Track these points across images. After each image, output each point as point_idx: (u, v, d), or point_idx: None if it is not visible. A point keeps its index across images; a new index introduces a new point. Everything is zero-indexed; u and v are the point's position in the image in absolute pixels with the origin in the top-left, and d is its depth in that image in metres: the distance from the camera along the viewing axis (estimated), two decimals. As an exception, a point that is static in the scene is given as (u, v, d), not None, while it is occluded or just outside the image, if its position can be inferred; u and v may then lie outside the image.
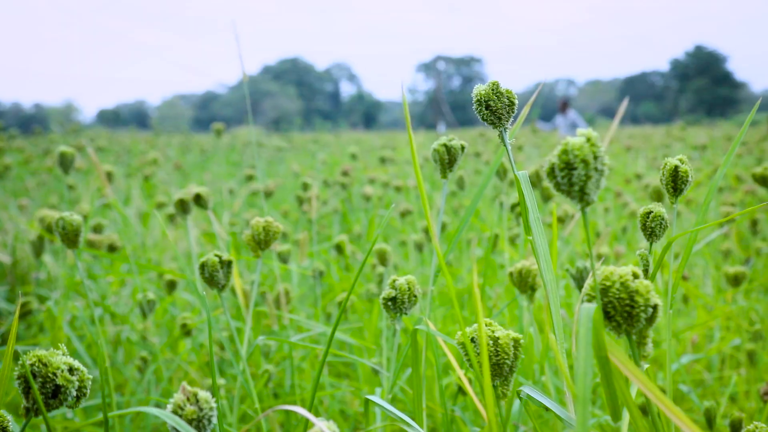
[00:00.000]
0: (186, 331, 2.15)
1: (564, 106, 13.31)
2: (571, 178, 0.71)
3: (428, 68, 70.04)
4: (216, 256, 1.40)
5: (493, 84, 1.08)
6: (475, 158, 6.52)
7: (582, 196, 0.71)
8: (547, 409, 0.85)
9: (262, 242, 1.50)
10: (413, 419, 1.28)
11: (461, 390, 1.84)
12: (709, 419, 1.55)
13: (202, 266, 1.39)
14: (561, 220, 2.81)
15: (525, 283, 1.62)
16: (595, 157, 0.70)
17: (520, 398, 0.92)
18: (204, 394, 0.69)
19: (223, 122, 4.34)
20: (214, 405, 0.70)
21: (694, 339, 2.50)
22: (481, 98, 1.07)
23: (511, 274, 1.64)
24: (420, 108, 67.20)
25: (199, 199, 1.99)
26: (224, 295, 2.51)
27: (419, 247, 3.10)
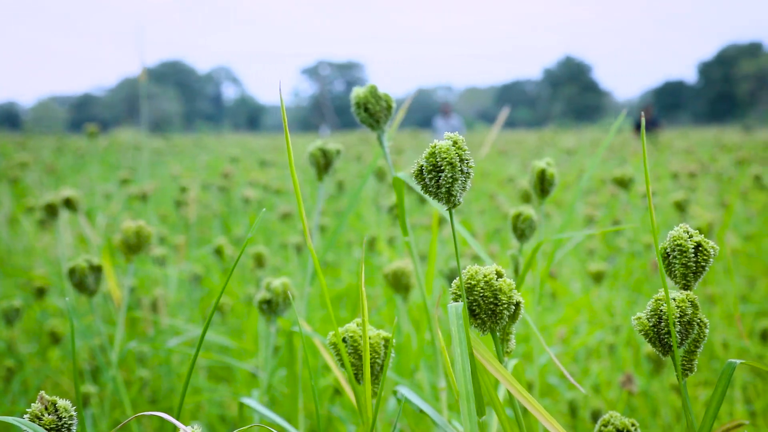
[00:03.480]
0: (55, 338, 2.08)
1: (447, 110, 13.57)
2: (439, 180, 0.73)
3: (311, 72, 69.98)
4: (85, 261, 1.36)
5: (371, 87, 1.10)
6: (357, 162, 6.57)
7: (449, 198, 0.74)
8: (420, 410, 0.88)
9: (134, 246, 1.47)
10: (290, 420, 1.29)
11: (338, 390, 1.86)
12: (573, 409, 1.62)
13: (71, 271, 1.35)
14: (440, 222, 2.88)
15: (399, 284, 1.65)
16: (461, 160, 0.73)
17: (398, 398, 0.94)
18: (63, 403, 0.68)
19: (101, 124, 4.20)
20: (73, 413, 0.68)
21: (560, 333, 2.61)
22: (359, 101, 1.09)
23: (386, 275, 1.67)
24: (304, 112, 66.97)
25: (69, 203, 1.92)
26: (98, 301, 2.44)
27: (299, 249, 3.10)
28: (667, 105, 61.21)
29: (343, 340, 0.87)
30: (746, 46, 60.67)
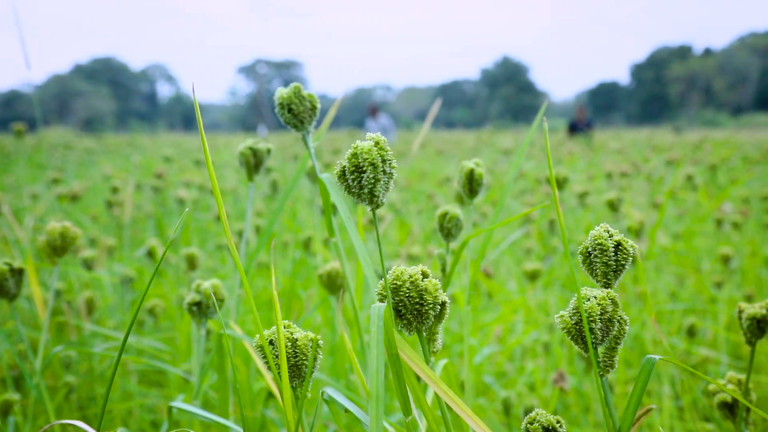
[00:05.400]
0: (-23, 345, 2.00)
1: (374, 110, 13.59)
2: (361, 180, 0.73)
3: (249, 71, 69.40)
4: (6, 264, 1.32)
5: (296, 87, 1.09)
6: (294, 162, 6.53)
7: (372, 198, 0.73)
8: (346, 410, 0.87)
9: (58, 248, 1.42)
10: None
11: (272, 393, 1.84)
12: (507, 408, 1.64)
13: (-10, 275, 1.30)
14: (374, 222, 2.88)
15: (334, 285, 1.64)
16: (384, 161, 0.73)
17: (324, 399, 0.93)
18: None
19: (29, 123, 4.07)
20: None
21: (497, 332, 2.64)
22: (282, 102, 1.07)
23: (320, 276, 1.66)
24: (242, 111, 66.39)
25: (-10, 204, 1.85)
26: (23, 306, 2.36)
27: (236, 250, 3.06)
28: (601, 106, 62.56)
29: (270, 342, 0.85)
30: (676, 49, 62.43)
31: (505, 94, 63.59)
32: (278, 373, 0.82)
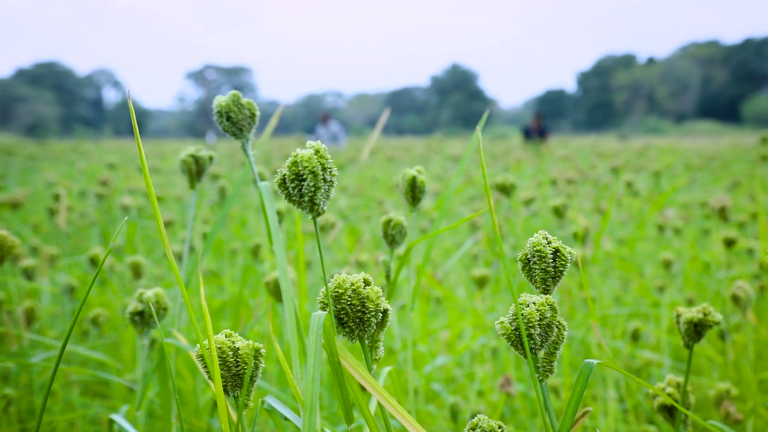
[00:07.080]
0: None
1: (325, 118, 13.62)
2: (301, 188, 0.72)
3: (197, 77, 68.79)
4: (-61, 274, 1.28)
5: (234, 95, 1.08)
6: (242, 168, 6.48)
7: (312, 206, 0.73)
8: (285, 418, 0.86)
9: (-5, 258, 1.39)
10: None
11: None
12: (455, 414, 1.64)
13: None
14: (323, 229, 2.87)
15: (280, 292, 1.63)
16: (324, 168, 0.72)
17: (264, 408, 0.92)
18: None
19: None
20: None
21: (444, 338, 2.65)
22: (221, 110, 1.06)
23: (267, 283, 1.65)
24: (190, 117, 65.71)
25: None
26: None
27: (180, 258, 3.02)
28: (548, 113, 63.49)
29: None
30: (621, 58, 63.69)
31: (455, 101, 64.09)
32: (222, 383, 0.81)
